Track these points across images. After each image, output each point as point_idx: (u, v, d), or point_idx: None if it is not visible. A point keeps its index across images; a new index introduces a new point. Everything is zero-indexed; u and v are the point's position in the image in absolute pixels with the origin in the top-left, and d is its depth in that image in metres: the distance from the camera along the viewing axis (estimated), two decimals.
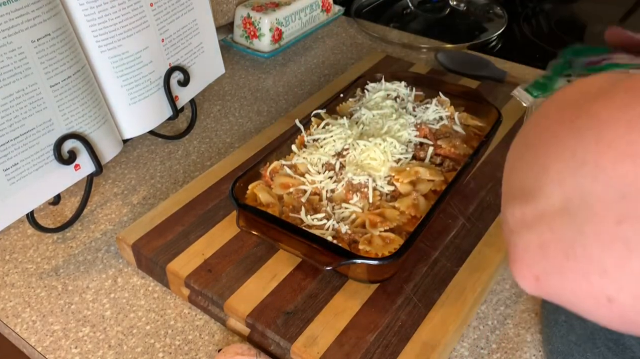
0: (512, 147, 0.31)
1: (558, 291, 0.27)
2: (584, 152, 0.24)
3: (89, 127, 0.63)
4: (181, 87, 0.75)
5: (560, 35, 1.09)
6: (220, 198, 0.63)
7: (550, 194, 0.26)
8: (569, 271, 0.25)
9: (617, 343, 0.44)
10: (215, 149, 0.78)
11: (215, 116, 0.85)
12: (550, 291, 0.27)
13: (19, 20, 0.54)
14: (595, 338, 0.45)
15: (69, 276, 0.60)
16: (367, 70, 0.87)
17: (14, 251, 0.63)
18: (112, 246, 0.64)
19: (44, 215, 0.67)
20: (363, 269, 0.51)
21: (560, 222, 0.25)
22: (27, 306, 0.57)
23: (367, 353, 0.48)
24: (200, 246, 0.58)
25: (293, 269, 0.55)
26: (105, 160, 0.65)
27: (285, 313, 0.51)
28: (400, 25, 1.12)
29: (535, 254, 0.27)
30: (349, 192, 0.57)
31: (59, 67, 0.58)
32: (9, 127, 0.55)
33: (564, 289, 0.26)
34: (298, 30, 1.02)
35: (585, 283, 0.25)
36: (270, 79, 0.93)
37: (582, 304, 0.26)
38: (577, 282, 0.25)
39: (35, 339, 0.54)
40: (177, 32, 0.72)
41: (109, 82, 0.66)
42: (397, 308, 0.52)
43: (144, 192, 0.71)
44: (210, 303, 0.54)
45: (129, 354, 0.53)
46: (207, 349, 0.53)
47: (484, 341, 0.53)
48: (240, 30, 1.00)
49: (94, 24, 0.62)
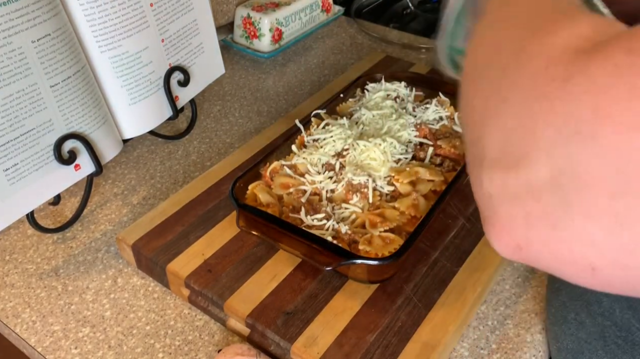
0: (475, 87, 0.29)
1: (539, 258, 0.26)
2: (579, 121, 0.22)
3: (89, 127, 0.63)
4: (181, 87, 0.75)
5: None
6: (220, 198, 0.63)
7: (537, 163, 0.24)
8: (554, 241, 0.25)
9: (627, 340, 0.43)
10: (215, 149, 0.78)
11: (215, 116, 0.85)
12: (530, 258, 0.27)
13: (19, 20, 0.54)
14: (605, 335, 0.45)
15: (69, 277, 0.60)
16: (367, 70, 0.87)
17: (14, 251, 0.63)
18: (112, 246, 0.64)
19: (44, 215, 0.67)
20: (363, 269, 0.51)
21: (549, 194, 0.24)
22: (27, 307, 0.57)
23: (367, 353, 0.48)
24: (200, 246, 0.58)
25: (293, 269, 0.55)
26: (105, 160, 0.65)
27: (285, 313, 0.51)
28: (400, 25, 1.12)
29: (520, 224, 0.26)
30: (349, 193, 0.57)
31: (59, 67, 0.58)
32: (9, 127, 0.55)
33: (546, 257, 0.26)
34: (298, 30, 1.02)
35: (569, 253, 0.24)
36: (270, 79, 0.93)
37: (564, 270, 0.26)
38: (562, 251, 0.25)
39: (35, 340, 0.54)
40: (177, 32, 0.72)
41: (109, 83, 0.66)
42: (397, 308, 0.52)
43: (144, 193, 0.71)
44: (210, 303, 0.54)
45: (129, 354, 0.53)
46: (207, 350, 0.53)
47: (484, 341, 0.53)
48: (240, 30, 1.00)
49: (94, 24, 0.62)
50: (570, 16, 0.27)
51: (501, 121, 0.26)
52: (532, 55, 0.26)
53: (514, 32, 0.29)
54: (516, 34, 0.28)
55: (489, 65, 0.29)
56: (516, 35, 0.28)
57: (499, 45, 0.29)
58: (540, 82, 0.24)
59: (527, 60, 0.26)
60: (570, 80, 0.23)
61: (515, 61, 0.27)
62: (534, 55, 0.26)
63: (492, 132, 0.27)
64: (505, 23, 0.31)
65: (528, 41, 0.27)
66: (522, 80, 0.25)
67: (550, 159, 0.23)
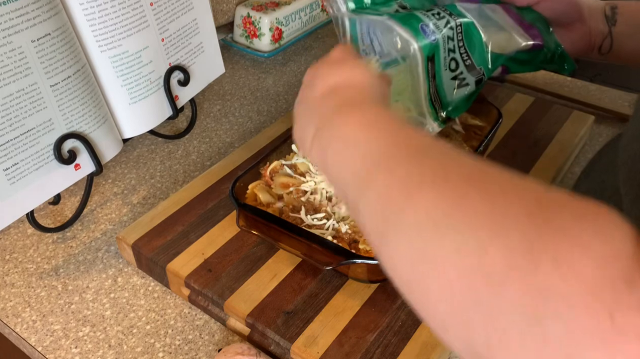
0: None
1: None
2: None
3: (89, 127, 0.63)
4: (181, 87, 0.75)
5: None
6: (220, 198, 0.63)
7: None
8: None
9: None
10: (215, 149, 0.78)
11: (215, 115, 0.85)
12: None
13: (19, 20, 0.54)
14: None
15: (69, 276, 0.60)
16: None
17: (14, 251, 0.63)
18: (112, 246, 0.64)
19: (44, 215, 0.67)
20: (363, 268, 0.51)
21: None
22: (27, 306, 0.57)
23: (367, 353, 0.48)
24: (200, 245, 0.58)
25: (293, 269, 0.55)
26: (105, 160, 0.65)
27: (285, 313, 0.51)
28: None
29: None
30: None
31: (59, 66, 0.58)
32: (9, 127, 0.55)
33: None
34: (298, 29, 1.02)
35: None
36: (270, 79, 0.93)
37: None
38: None
39: (35, 339, 0.54)
40: (177, 31, 0.72)
41: (109, 82, 0.66)
42: (397, 307, 0.52)
43: (144, 192, 0.71)
44: (210, 302, 0.54)
45: (129, 354, 0.53)
46: (207, 349, 0.53)
47: None
48: (240, 29, 1.00)
49: (94, 23, 0.62)
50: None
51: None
52: (572, 301, 0.21)
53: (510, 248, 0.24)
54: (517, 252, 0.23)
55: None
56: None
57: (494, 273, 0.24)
58: (618, 341, 0.20)
59: (566, 307, 0.21)
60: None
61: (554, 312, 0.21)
62: (575, 300, 0.21)
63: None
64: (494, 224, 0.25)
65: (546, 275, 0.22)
66: (583, 335, 0.21)
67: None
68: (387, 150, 0.32)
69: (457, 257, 0.25)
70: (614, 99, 0.84)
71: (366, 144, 0.33)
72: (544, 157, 0.68)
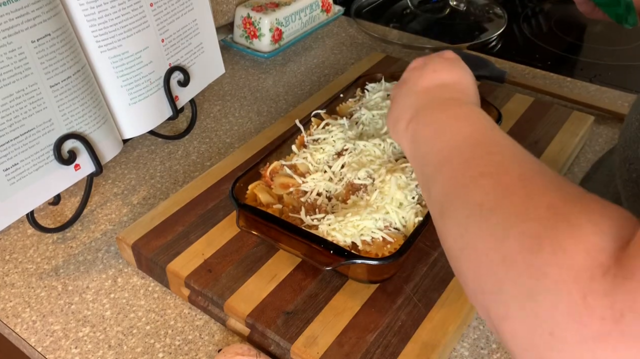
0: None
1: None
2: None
3: (89, 127, 0.63)
4: (181, 87, 0.75)
5: (560, 35, 1.09)
6: (220, 198, 0.63)
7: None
8: None
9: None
10: (215, 149, 0.78)
11: (215, 116, 0.85)
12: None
13: (19, 20, 0.54)
14: None
15: (69, 276, 0.60)
16: (367, 70, 0.87)
17: (14, 251, 0.63)
18: (112, 246, 0.64)
19: (44, 215, 0.67)
20: (363, 269, 0.51)
21: None
22: (27, 306, 0.57)
23: (367, 353, 0.48)
24: (200, 246, 0.58)
25: (293, 269, 0.55)
26: (105, 160, 0.65)
27: (285, 313, 0.51)
28: (400, 25, 1.12)
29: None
30: (349, 193, 0.57)
31: (59, 67, 0.58)
32: (9, 127, 0.55)
33: None
34: (298, 30, 1.02)
35: None
36: (270, 79, 0.93)
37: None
38: None
39: (35, 339, 0.54)
40: (177, 32, 0.72)
41: (109, 82, 0.66)
42: (397, 308, 0.52)
43: (144, 192, 0.71)
44: (210, 303, 0.54)
45: (129, 354, 0.53)
46: (207, 349, 0.53)
47: (484, 341, 0.53)
48: (240, 30, 1.00)
49: (94, 24, 0.62)
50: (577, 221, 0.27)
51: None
52: (559, 283, 0.25)
53: (519, 239, 0.28)
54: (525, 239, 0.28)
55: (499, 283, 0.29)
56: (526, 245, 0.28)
57: (508, 257, 0.29)
58: (586, 320, 0.24)
59: (554, 287, 0.25)
60: (622, 321, 0.23)
61: (536, 283, 0.26)
62: (561, 283, 0.25)
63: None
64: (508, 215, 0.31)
65: (542, 259, 0.26)
66: (562, 312, 0.25)
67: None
68: (468, 140, 0.39)
69: (489, 238, 0.30)
70: (614, 99, 0.84)
71: (454, 132, 0.41)
72: (544, 157, 0.68)
